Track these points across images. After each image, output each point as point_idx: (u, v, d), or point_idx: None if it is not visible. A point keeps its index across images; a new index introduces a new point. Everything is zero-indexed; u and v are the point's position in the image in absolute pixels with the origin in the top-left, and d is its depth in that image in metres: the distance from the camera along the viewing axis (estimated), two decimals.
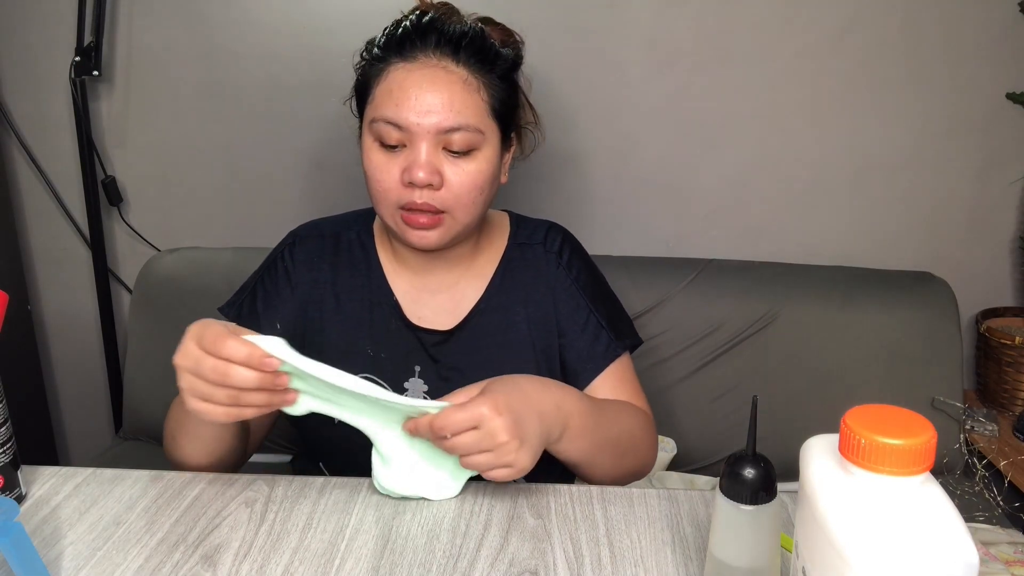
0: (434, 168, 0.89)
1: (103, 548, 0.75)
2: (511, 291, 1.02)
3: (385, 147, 0.91)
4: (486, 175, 0.92)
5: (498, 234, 1.06)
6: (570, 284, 1.03)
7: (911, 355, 1.43)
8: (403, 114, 0.88)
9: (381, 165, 0.91)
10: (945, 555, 0.46)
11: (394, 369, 1.00)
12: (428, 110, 0.88)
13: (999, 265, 1.68)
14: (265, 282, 1.03)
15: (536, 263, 1.04)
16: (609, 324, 1.03)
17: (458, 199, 0.91)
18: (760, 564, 0.61)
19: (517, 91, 0.98)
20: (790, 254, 1.61)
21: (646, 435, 0.99)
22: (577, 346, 1.01)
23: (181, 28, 1.59)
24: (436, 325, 1.01)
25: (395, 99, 0.89)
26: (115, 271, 1.76)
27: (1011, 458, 1.44)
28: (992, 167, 1.61)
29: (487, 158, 0.92)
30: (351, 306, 1.02)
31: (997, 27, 1.52)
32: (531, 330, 1.01)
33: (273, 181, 1.68)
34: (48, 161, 1.69)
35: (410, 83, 0.89)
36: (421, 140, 0.88)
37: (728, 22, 1.54)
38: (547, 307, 1.02)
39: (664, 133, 1.61)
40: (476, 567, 0.73)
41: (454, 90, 0.89)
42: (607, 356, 1.01)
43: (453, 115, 0.88)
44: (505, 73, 0.94)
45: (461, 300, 1.02)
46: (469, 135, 0.89)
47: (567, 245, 1.06)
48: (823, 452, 0.55)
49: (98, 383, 1.83)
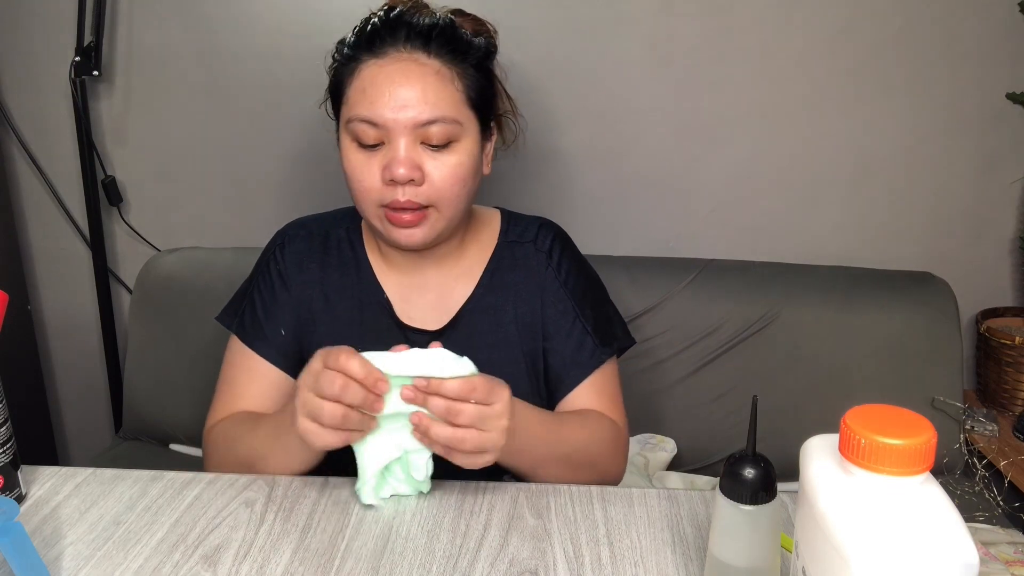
0: (414, 163, 0.88)
1: (103, 548, 0.75)
2: (500, 291, 1.01)
3: (363, 147, 0.90)
4: (467, 167, 0.91)
5: (488, 232, 1.04)
6: (558, 287, 1.01)
7: (911, 355, 1.43)
8: (378, 111, 0.87)
9: (360, 165, 0.90)
10: (945, 555, 0.46)
11: None
12: (403, 105, 0.87)
13: (999, 265, 1.67)
14: (262, 289, 1.02)
15: (527, 262, 1.02)
16: (595, 329, 1.01)
17: (441, 193, 0.90)
18: (760, 564, 0.61)
19: (493, 80, 0.97)
20: (790, 254, 1.61)
21: (609, 448, 0.96)
22: (562, 351, 1.00)
23: (181, 28, 1.59)
24: (425, 325, 1.00)
25: (369, 97, 0.88)
26: (115, 271, 1.76)
27: (1011, 458, 1.44)
28: (992, 167, 1.61)
29: (467, 150, 0.91)
30: (341, 306, 1.01)
31: (997, 27, 1.52)
32: (519, 331, 1.00)
33: (273, 181, 1.68)
34: (48, 161, 1.69)
35: (382, 79, 0.88)
36: (399, 136, 0.87)
37: (728, 22, 1.54)
38: (535, 308, 1.01)
39: (664, 133, 1.61)
40: (476, 567, 0.73)
41: (427, 82, 0.88)
42: (591, 363, 1.00)
43: (429, 108, 0.87)
44: (479, 62, 0.93)
45: (450, 299, 1.01)
46: (447, 127, 0.88)
47: (557, 243, 1.04)
48: (823, 452, 0.55)
49: (98, 383, 1.83)
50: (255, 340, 1.00)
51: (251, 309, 1.02)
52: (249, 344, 1.00)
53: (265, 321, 1.00)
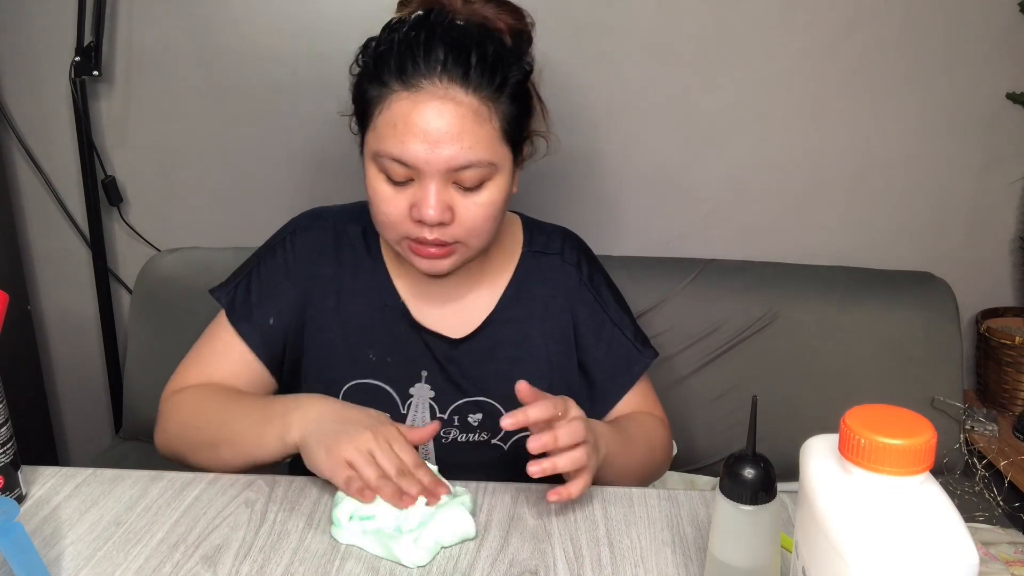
0: (445, 206, 0.84)
1: (103, 548, 0.75)
2: (527, 303, 0.99)
3: (391, 181, 0.85)
4: (499, 204, 0.87)
5: (510, 241, 1.02)
6: (592, 299, 1.01)
7: (911, 355, 1.43)
8: (410, 152, 0.82)
9: (388, 198, 0.86)
10: (945, 555, 0.46)
11: (400, 374, 0.97)
12: (437, 149, 0.81)
13: (999, 265, 1.67)
14: (263, 273, 0.99)
15: (553, 275, 1.01)
16: (634, 336, 1.03)
17: (471, 232, 0.87)
18: (760, 564, 0.61)
19: (529, 101, 0.90)
20: (790, 254, 1.61)
21: (665, 445, 1.01)
22: (603, 362, 1.00)
23: (181, 28, 1.59)
24: (445, 331, 0.98)
25: (400, 135, 0.82)
26: (115, 271, 1.76)
27: (1011, 458, 1.44)
28: (992, 167, 1.61)
29: (499, 186, 0.87)
30: (354, 307, 0.98)
31: (997, 27, 1.52)
32: (547, 345, 0.99)
33: (273, 181, 1.68)
34: (48, 161, 1.69)
35: (415, 118, 0.81)
36: (430, 180, 0.83)
37: (728, 22, 1.54)
38: (564, 322, 1.00)
39: (664, 133, 1.61)
40: (476, 567, 0.73)
41: (465, 125, 0.82)
42: (636, 370, 1.02)
43: (464, 152, 0.82)
44: (517, 90, 0.86)
45: (472, 309, 0.99)
46: (481, 170, 0.84)
47: (584, 257, 1.04)
48: (823, 452, 0.55)
49: (98, 383, 1.83)
50: (241, 320, 0.97)
51: (245, 289, 0.98)
52: (234, 323, 0.97)
53: (257, 305, 0.97)
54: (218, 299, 0.99)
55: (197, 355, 0.99)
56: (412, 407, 0.97)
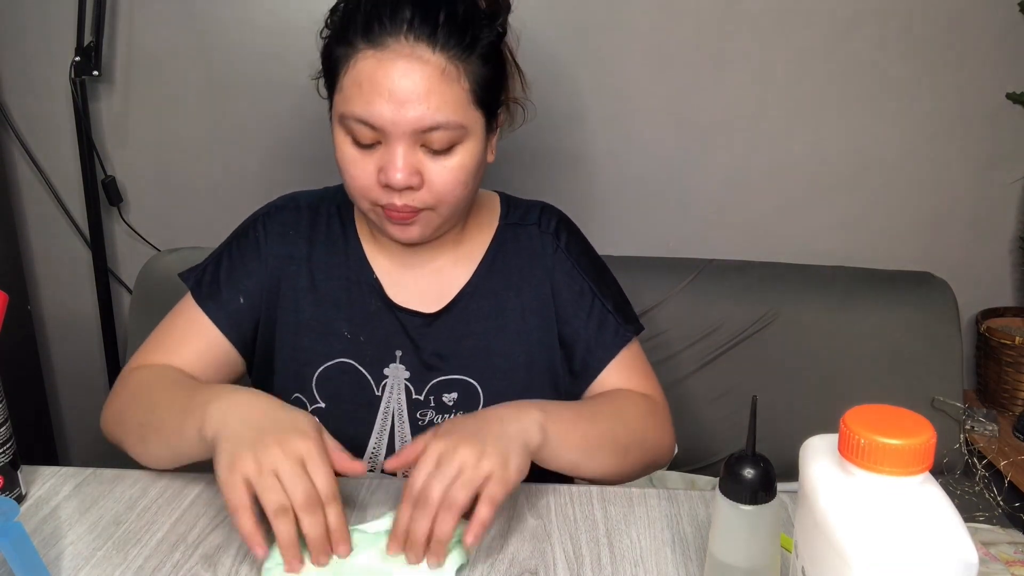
0: (413, 169, 0.82)
1: (103, 548, 0.75)
2: (503, 274, 0.96)
3: (358, 144, 0.83)
4: (470, 168, 0.85)
5: (487, 215, 0.99)
6: (571, 267, 0.97)
7: (911, 355, 1.43)
8: (375, 113, 0.79)
9: (355, 161, 0.84)
10: (945, 555, 0.46)
11: (373, 353, 0.94)
12: (403, 109, 0.79)
13: (999, 265, 1.68)
14: (232, 253, 0.96)
15: (531, 245, 0.97)
16: (616, 308, 0.97)
17: (441, 197, 0.84)
18: (760, 564, 0.61)
19: (503, 65, 0.87)
20: (790, 254, 1.61)
21: (653, 423, 0.93)
22: (584, 334, 0.96)
23: (181, 28, 1.59)
24: (420, 307, 0.95)
25: (365, 95, 0.80)
26: (115, 271, 1.76)
27: (1011, 458, 1.44)
28: (992, 167, 1.61)
29: (470, 150, 0.84)
30: (328, 285, 0.95)
31: (997, 27, 1.52)
32: (524, 318, 0.96)
33: (273, 181, 1.67)
34: (48, 161, 1.69)
35: (380, 76, 0.79)
36: (397, 141, 0.81)
37: (728, 22, 1.54)
38: (544, 293, 0.96)
39: (664, 133, 1.61)
40: (476, 567, 0.73)
41: (431, 84, 0.79)
42: (616, 343, 0.95)
43: (431, 112, 0.79)
44: (489, 51, 0.83)
45: (447, 283, 0.96)
46: (450, 132, 0.81)
47: (563, 226, 1.00)
48: (823, 452, 0.55)
49: (98, 383, 1.83)
50: (207, 300, 0.94)
51: (214, 269, 0.96)
52: (200, 303, 0.94)
53: (225, 283, 0.95)
54: (185, 280, 0.97)
55: (160, 334, 0.95)
56: (387, 389, 0.94)
